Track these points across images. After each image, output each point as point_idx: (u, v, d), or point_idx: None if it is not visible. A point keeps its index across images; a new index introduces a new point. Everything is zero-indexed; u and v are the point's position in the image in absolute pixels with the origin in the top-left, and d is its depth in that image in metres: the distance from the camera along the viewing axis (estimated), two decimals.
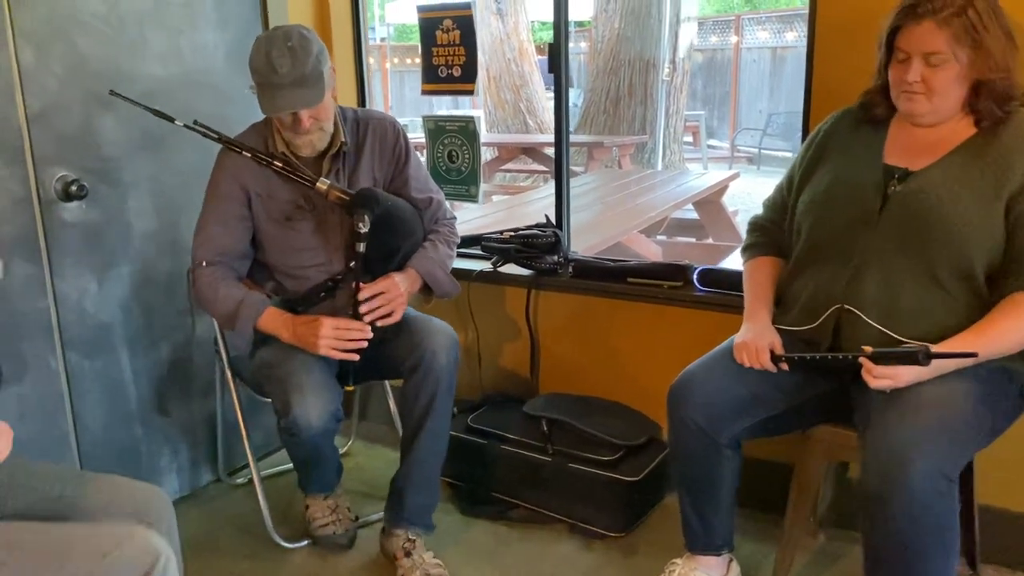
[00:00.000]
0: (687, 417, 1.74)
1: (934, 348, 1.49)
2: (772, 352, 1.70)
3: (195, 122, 2.03)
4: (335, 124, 2.02)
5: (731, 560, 1.91)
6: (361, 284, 1.96)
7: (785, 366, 1.69)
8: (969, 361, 1.49)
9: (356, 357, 1.94)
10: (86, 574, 1.20)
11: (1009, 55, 1.54)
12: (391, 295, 1.98)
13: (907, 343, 1.57)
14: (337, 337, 1.91)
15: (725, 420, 1.73)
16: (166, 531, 1.40)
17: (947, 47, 1.52)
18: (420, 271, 2.07)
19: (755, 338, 1.72)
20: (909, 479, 1.41)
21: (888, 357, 1.51)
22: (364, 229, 1.92)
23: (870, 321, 1.62)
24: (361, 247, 1.94)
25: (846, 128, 1.77)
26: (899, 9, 1.58)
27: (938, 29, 1.52)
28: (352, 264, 1.98)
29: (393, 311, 1.99)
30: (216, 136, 2.02)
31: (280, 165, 1.98)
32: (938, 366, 1.50)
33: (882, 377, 1.52)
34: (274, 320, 1.98)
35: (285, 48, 1.83)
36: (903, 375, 1.51)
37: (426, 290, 2.12)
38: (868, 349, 1.54)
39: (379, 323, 1.97)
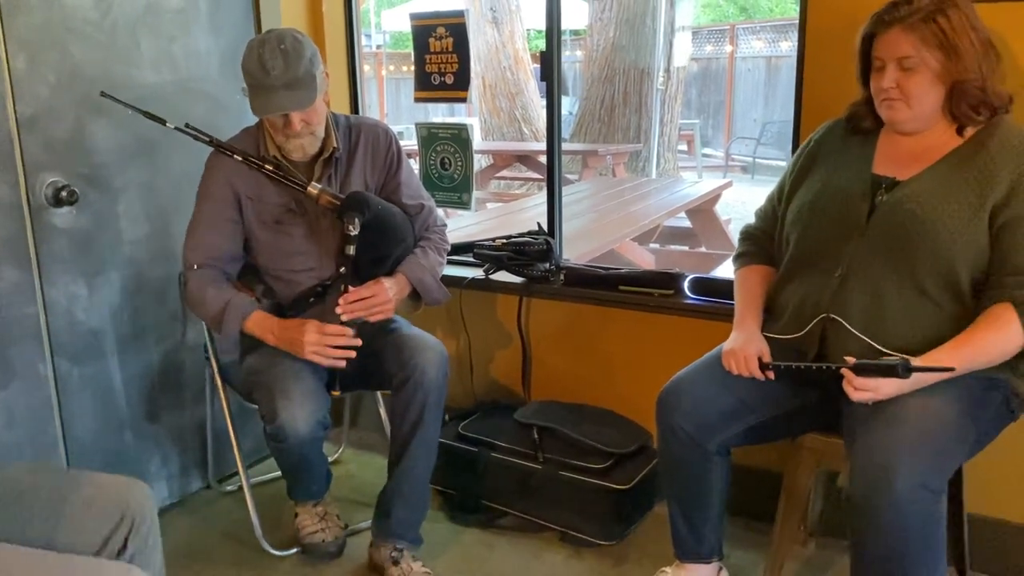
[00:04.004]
0: (675, 424, 1.74)
1: (915, 362, 1.50)
2: (760, 360, 1.70)
3: (187, 125, 2.03)
4: (327, 129, 2.03)
5: (720, 568, 1.91)
6: (349, 287, 1.96)
7: (771, 374, 1.70)
8: (948, 375, 1.50)
9: (342, 364, 1.94)
10: None
11: (984, 62, 1.55)
12: (377, 300, 1.98)
13: (890, 354, 1.57)
14: (323, 343, 1.91)
15: (713, 427, 1.73)
16: (148, 523, 1.39)
17: (915, 50, 1.55)
18: (410, 277, 2.07)
19: (743, 346, 1.73)
20: (894, 491, 1.42)
21: (869, 369, 1.52)
22: (354, 232, 1.92)
23: (855, 331, 1.62)
24: (350, 250, 1.94)
25: (836, 138, 1.79)
26: (870, 19, 1.62)
27: (905, 34, 1.55)
28: (342, 268, 1.98)
29: (375, 316, 1.99)
30: (207, 139, 2.02)
31: (271, 169, 1.98)
32: (919, 379, 1.50)
33: (863, 389, 1.52)
34: (260, 323, 1.98)
35: (278, 50, 1.83)
36: (884, 387, 1.51)
37: (415, 296, 2.12)
38: (851, 360, 1.54)
39: (368, 317, 1.97)
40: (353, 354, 1.94)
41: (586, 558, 2.19)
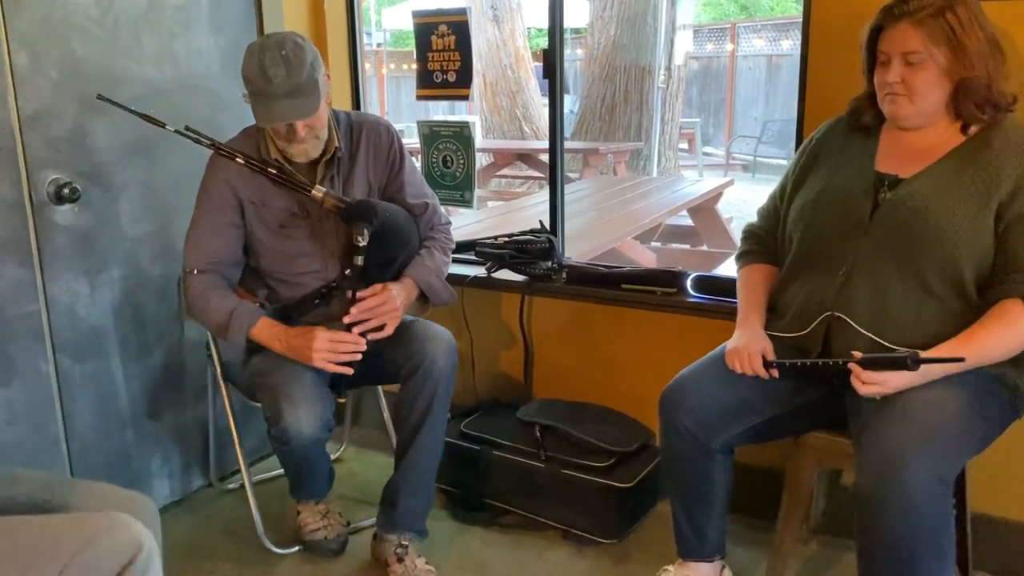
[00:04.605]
0: (679, 423, 1.74)
1: (923, 354, 1.49)
2: (764, 358, 1.70)
3: (186, 128, 1.99)
4: (329, 129, 2.00)
5: (723, 567, 1.91)
6: (357, 296, 1.95)
7: (776, 372, 1.69)
8: (958, 367, 1.50)
9: (350, 371, 1.92)
10: (64, 563, 1.18)
11: (990, 60, 1.54)
12: (386, 308, 1.97)
13: (896, 350, 1.56)
14: (331, 349, 1.90)
15: (717, 426, 1.73)
16: (151, 553, 1.38)
17: (923, 46, 1.54)
18: (417, 280, 2.06)
19: (747, 344, 1.72)
20: (904, 484, 1.41)
21: (877, 363, 1.51)
22: (363, 243, 1.90)
23: (860, 329, 1.62)
24: (359, 260, 1.92)
25: (838, 136, 1.78)
26: (879, 12, 1.61)
27: (914, 29, 1.54)
28: (348, 272, 1.96)
29: (385, 324, 1.97)
30: (208, 142, 1.99)
31: (274, 172, 1.96)
32: (927, 372, 1.50)
33: (871, 383, 1.52)
34: (267, 331, 1.95)
35: (279, 57, 1.80)
36: (892, 381, 1.51)
37: (423, 298, 2.11)
38: (858, 355, 1.54)
39: (370, 336, 1.95)
40: (359, 357, 1.93)
41: (588, 556, 2.19)
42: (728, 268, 2.07)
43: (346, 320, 1.92)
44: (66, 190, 2.07)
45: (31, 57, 2.00)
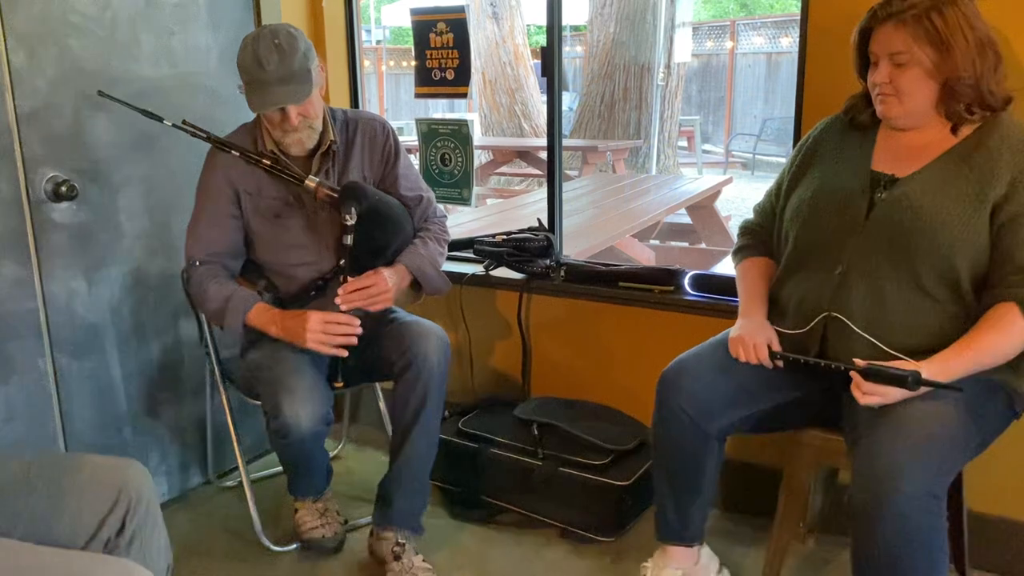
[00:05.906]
0: (676, 406, 1.73)
1: (924, 372, 1.48)
2: (769, 348, 1.70)
3: (184, 121, 2.03)
4: (324, 123, 2.03)
5: (700, 549, 1.90)
6: (348, 278, 1.96)
7: (780, 363, 1.69)
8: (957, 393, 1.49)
9: (345, 353, 1.94)
10: None
11: (979, 61, 1.54)
12: (376, 289, 1.98)
13: (893, 354, 1.56)
14: (325, 331, 1.91)
15: (715, 412, 1.72)
16: (145, 503, 1.38)
17: (907, 47, 1.55)
18: (409, 267, 2.07)
19: (752, 333, 1.72)
20: (896, 499, 1.41)
21: (879, 375, 1.51)
22: (351, 221, 1.92)
23: (857, 329, 1.61)
24: (348, 239, 1.94)
25: (835, 134, 1.78)
26: (867, 14, 1.62)
27: (897, 29, 1.55)
28: (341, 260, 1.98)
29: (375, 305, 1.99)
30: (205, 135, 2.02)
31: (268, 163, 1.99)
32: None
33: (871, 394, 1.51)
34: (263, 315, 1.98)
35: (272, 45, 1.85)
36: (891, 394, 1.50)
37: (416, 287, 2.12)
38: (861, 363, 1.53)
39: (367, 307, 1.97)
40: (355, 341, 1.94)
41: (586, 554, 2.19)
42: (726, 266, 2.07)
43: (336, 301, 1.94)
44: (64, 188, 2.07)
45: (28, 55, 2.00)
